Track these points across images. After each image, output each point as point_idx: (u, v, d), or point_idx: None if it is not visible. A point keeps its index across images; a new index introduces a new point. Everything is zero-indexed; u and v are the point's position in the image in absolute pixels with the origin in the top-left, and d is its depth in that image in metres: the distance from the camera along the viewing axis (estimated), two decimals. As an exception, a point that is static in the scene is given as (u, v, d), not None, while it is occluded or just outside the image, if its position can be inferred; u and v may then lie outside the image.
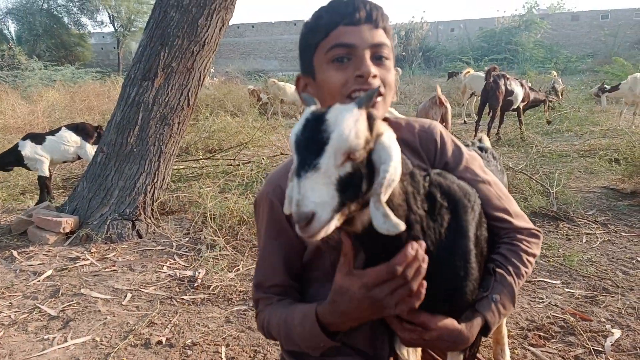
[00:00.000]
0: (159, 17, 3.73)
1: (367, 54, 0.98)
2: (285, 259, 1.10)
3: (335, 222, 0.71)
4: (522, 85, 8.11)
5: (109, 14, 32.09)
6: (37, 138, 4.55)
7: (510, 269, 1.01)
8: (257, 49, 38.28)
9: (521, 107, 8.06)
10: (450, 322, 0.92)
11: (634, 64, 15.73)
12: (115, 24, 32.64)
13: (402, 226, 0.73)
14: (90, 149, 4.65)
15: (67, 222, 3.60)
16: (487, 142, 1.99)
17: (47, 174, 4.54)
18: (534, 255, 1.06)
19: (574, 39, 33.32)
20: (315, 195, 0.69)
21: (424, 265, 0.83)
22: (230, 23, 4.00)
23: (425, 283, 0.84)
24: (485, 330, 0.96)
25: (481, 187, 1.07)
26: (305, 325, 0.96)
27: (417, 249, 0.82)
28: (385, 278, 0.81)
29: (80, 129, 4.67)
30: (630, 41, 30.41)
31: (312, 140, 0.72)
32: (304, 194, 0.69)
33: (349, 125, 0.72)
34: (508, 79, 7.88)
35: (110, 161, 3.82)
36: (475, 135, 7.59)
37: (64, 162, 4.85)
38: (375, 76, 0.98)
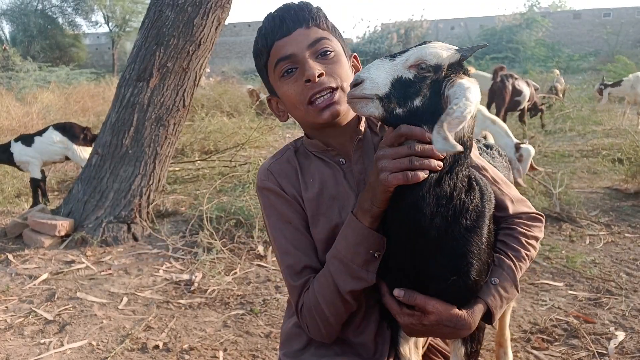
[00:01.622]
0: (154, 16, 3.69)
1: (308, 56, 1.01)
2: (308, 238, 1.09)
3: (376, 108, 0.84)
4: (528, 84, 8.12)
5: (103, 14, 31.92)
6: (27, 140, 4.50)
7: (510, 252, 1.01)
8: (254, 48, 38.13)
9: (527, 107, 8.05)
10: (449, 306, 0.93)
11: (637, 63, 15.80)
12: (110, 24, 32.48)
13: (459, 147, 0.77)
14: (78, 150, 4.58)
15: (63, 225, 3.56)
16: (491, 140, 1.98)
17: (39, 176, 4.49)
18: (535, 238, 1.06)
19: (576, 37, 33.33)
20: (374, 72, 0.85)
21: (436, 164, 0.84)
22: (226, 22, 3.97)
23: (423, 175, 0.84)
24: (489, 316, 0.96)
25: (488, 179, 1.10)
26: (348, 237, 0.96)
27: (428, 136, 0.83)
28: (392, 139, 0.86)
29: (67, 129, 4.59)
30: (632, 39, 30.44)
31: (409, 48, 0.90)
32: (369, 67, 0.87)
33: (437, 48, 0.87)
34: (516, 78, 7.88)
35: (105, 163, 3.78)
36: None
37: (53, 162, 4.79)
38: (322, 74, 1.00)
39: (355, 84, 0.85)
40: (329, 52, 1.03)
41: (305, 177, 1.12)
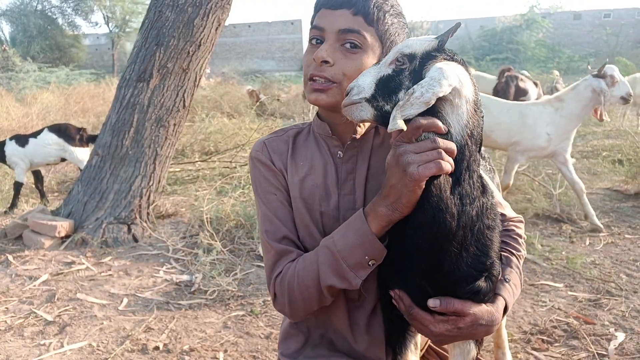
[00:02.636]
0: (154, 17, 3.69)
1: (333, 39, 0.99)
2: (290, 212, 1.08)
3: (367, 110, 0.86)
4: (536, 85, 8.09)
5: (103, 14, 31.93)
6: (21, 140, 4.50)
7: (513, 251, 1.05)
8: (254, 49, 38.19)
9: None
10: (481, 305, 0.91)
11: (637, 64, 15.80)
12: (110, 24, 32.49)
13: (404, 126, 0.79)
14: (75, 152, 4.58)
15: (63, 226, 3.56)
16: None
17: (22, 180, 4.49)
18: (524, 239, 1.13)
19: (576, 38, 33.30)
20: (361, 79, 0.88)
21: (450, 159, 0.81)
22: (227, 23, 3.97)
23: (452, 164, 0.81)
24: (504, 311, 0.97)
25: None
26: (348, 235, 0.92)
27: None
28: (410, 134, 0.80)
29: (63, 131, 4.58)
30: (632, 40, 30.43)
31: None
32: (359, 76, 0.90)
33: (412, 40, 0.89)
34: (521, 79, 7.86)
35: (106, 164, 3.78)
36: None
37: (47, 164, 4.78)
38: (326, 62, 0.98)
39: (346, 94, 0.89)
40: (357, 47, 0.99)
41: (297, 159, 1.11)
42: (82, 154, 4.61)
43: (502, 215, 1.10)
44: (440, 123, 0.80)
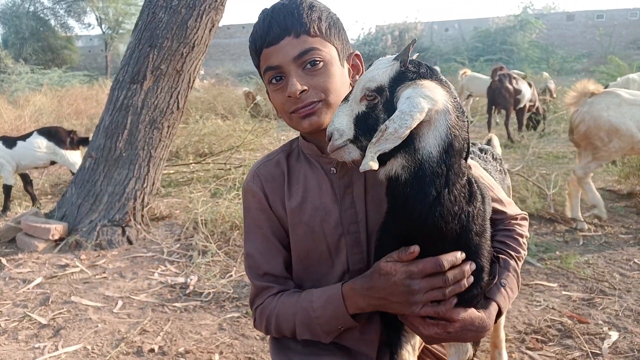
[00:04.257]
0: (148, 18, 3.68)
1: (294, 69, 0.99)
2: (275, 247, 1.12)
3: (355, 151, 0.86)
4: (530, 85, 8.12)
5: (96, 16, 31.76)
6: (9, 142, 4.46)
7: (512, 253, 1.05)
8: (248, 50, 38.06)
9: (527, 106, 8.03)
10: (471, 310, 0.94)
11: (630, 64, 15.95)
12: (103, 26, 32.31)
13: (375, 166, 0.79)
14: (66, 155, 4.56)
15: (56, 228, 3.54)
16: (496, 142, 1.99)
17: (11, 182, 4.47)
18: (526, 237, 1.13)
19: (569, 38, 33.59)
20: (337, 121, 0.88)
21: (465, 283, 0.89)
22: (220, 24, 3.96)
23: (455, 300, 0.90)
24: (498, 316, 0.99)
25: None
26: (327, 308, 1.00)
27: (466, 262, 0.90)
28: (430, 271, 0.88)
29: (53, 134, 4.56)
30: (625, 41, 30.74)
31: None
32: (333, 118, 0.89)
33: (372, 71, 0.86)
34: (515, 78, 7.90)
35: (99, 166, 3.76)
36: (489, 132, 7.61)
37: (35, 167, 4.75)
38: (305, 91, 0.99)
39: (328, 139, 0.89)
40: (317, 63, 0.99)
41: (292, 182, 1.12)
42: (74, 157, 4.59)
43: (503, 213, 1.11)
44: (460, 257, 0.89)
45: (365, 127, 0.85)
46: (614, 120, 3.45)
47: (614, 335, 2.25)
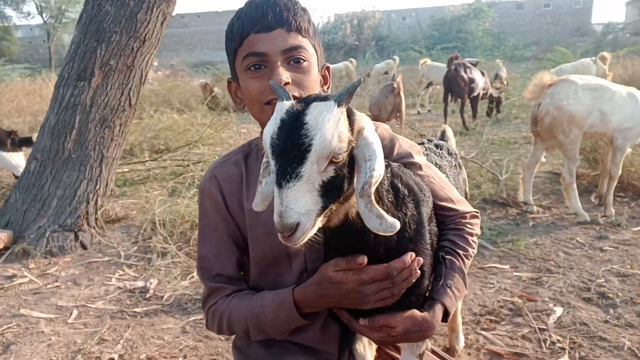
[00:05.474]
0: (93, 11, 3.49)
1: (280, 61, 1.00)
2: (229, 248, 1.13)
3: (318, 225, 0.74)
4: (483, 74, 8.36)
5: (36, 4, 29.78)
6: None
7: (460, 252, 1.07)
8: (204, 39, 37.07)
9: (480, 95, 8.27)
10: (411, 314, 0.96)
11: (574, 52, 16.86)
12: (44, 15, 30.35)
13: (398, 224, 0.75)
14: (8, 157, 4.28)
15: (1, 237, 3.32)
16: (450, 134, 2.05)
17: None
18: (477, 235, 1.16)
19: (519, 27, 35.05)
20: (299, 205, 0.70)
21: (413, 279, 0.92)
22: (175, 13, 3.81)
23: (403, 290, 0.94)
24: (445, 316, 1.02)
25: (425, 180, 1.13)
26: (279, 313, 1.01)
27: (414, 260, 0.91)
28: (381, 278, 0.90)
29: None
30: (570, 29, 32.44)
31: (292, 146, 0.70)
32: (287, 205, 0.69)
33: (330, 128, 0.71)
34: (468, 67, 8.10)
35: (46, 169, 3.56)
36: (445, 122, 7.77)
37: None
38: (288, 83, 0.99)
39: (292, 230, 0.71)
40: (302, 61, 1.01)
41: (250, 183, 1.11)
42: (16, 159, 4.31)
43: (454, 211, 1.13)
44: (410, 260, 0.92)
45: (336, 191, 0.75)
46: (572, 107, 3.58)
47: (559, 310, 2.41)
